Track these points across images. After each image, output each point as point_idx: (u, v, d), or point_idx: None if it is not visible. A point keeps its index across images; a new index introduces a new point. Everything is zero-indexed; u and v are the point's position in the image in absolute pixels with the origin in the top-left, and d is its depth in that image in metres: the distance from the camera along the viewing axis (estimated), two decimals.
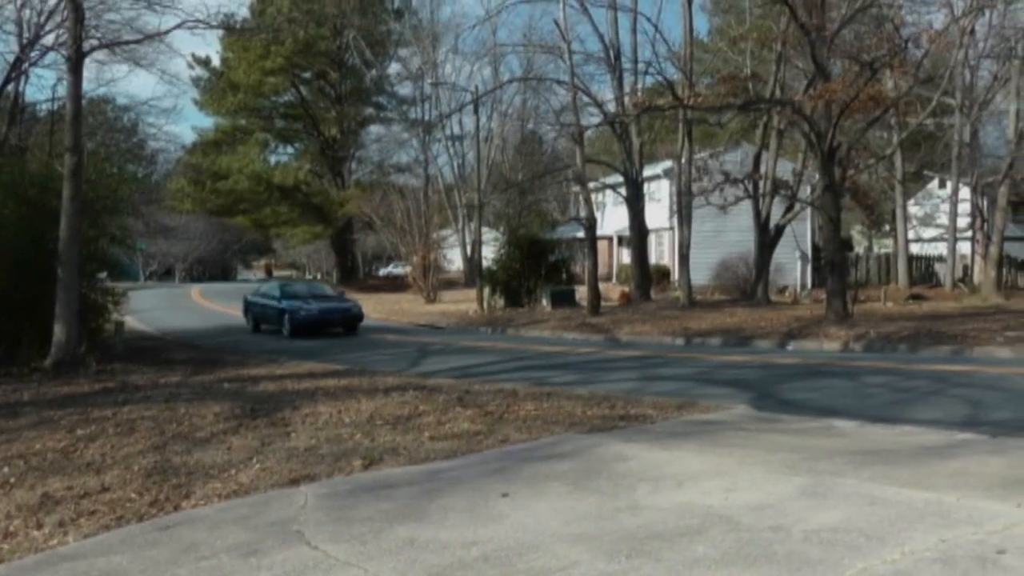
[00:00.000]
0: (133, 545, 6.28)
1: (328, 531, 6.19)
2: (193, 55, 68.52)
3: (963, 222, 47.46)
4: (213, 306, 50.63)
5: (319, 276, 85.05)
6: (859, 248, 63.18)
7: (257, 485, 7.93)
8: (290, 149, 76.75)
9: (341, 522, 6.42)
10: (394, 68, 74.15)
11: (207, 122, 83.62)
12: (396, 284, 65.17)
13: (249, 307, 35.04)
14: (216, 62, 69.05)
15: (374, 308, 43.00)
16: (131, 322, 32.22)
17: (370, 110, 75.10)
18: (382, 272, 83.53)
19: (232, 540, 6.17)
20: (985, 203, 44.67)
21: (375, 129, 76.96)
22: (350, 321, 32.12)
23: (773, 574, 4.93)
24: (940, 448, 8.56)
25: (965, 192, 45.38)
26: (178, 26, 22.39)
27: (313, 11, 62.03)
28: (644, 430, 9.84)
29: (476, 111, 47.76)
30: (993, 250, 39.61)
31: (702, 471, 7.52)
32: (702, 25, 74.91)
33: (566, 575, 5.07)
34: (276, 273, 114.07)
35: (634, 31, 38.27)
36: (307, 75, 70.83)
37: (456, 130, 69.11)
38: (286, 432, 10.45)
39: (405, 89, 73.99)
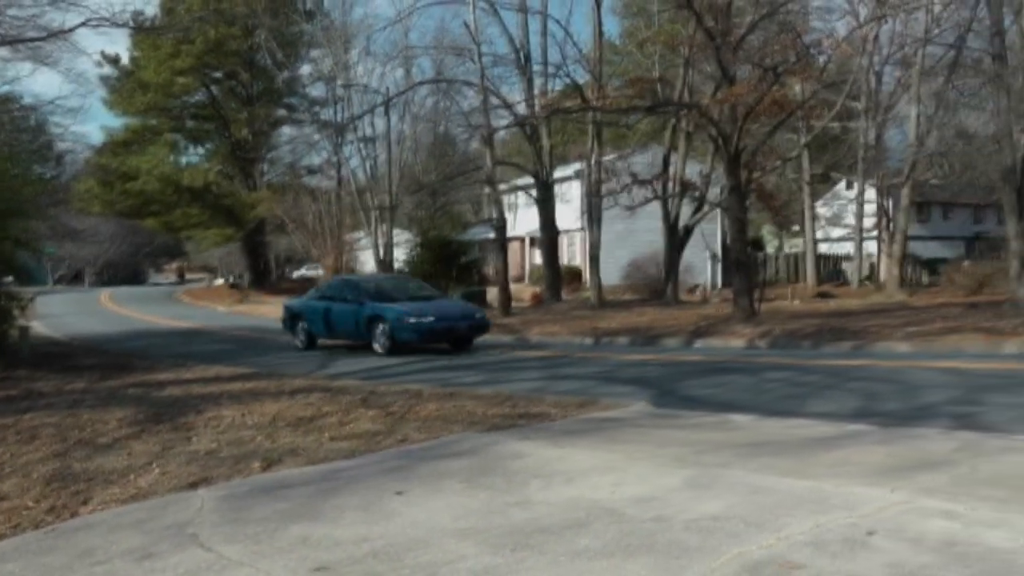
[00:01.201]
0: (27, 552, 6.25)
1: (223, 532, 6.22)
2: (102, 53, 67.22)
3: (870, 222, 48.46)
4: (122, 310, 50.08)
5: (232, 279, 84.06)
6: (770, 248, 64.17)
7: (156, 489, 7.89)
8: (201, 150, 75.68)
9: (236, 523, 6.45)
10: (306, 69, 73.57)
11: (116, 122, 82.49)
12: (309, 286, 64.72)
13: (300, 315, 25.95)
14: (126, 60, 67.86)
15: None
16: (38, 327, 31.74)
17: (281, 111, 74.44)
18: (295, 275, 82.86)
19: (127, 544, 6.17)
20: (890, 203, 45.61)
21: (287, 130, 76.32)
22: (476, 330, 23.57)
23: (652, 562, 5.09)
24: (828, 439, 8.84)
25: (872, 193, 46.33)
26: (83, 24, 22.09)
27: (223, 10, 61.30)
28: (543, 428, 9.98)
29: (387, 113, 47.62)
30: (897, 249, 40.51)
31: (593, 467, 7.69)
32: (613, 28, 75.46)
33: (452, 568, 5.17)
34: (189, 276, 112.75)
35: (544, 33, 38.55)
36: (218, 75, 69.87)
37: (368, 132, 68.62)
38: (188, 436, 10.41)
39: (317, 90, 73.40)
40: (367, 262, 67.33)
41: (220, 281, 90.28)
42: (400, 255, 46.82)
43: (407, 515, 6.43)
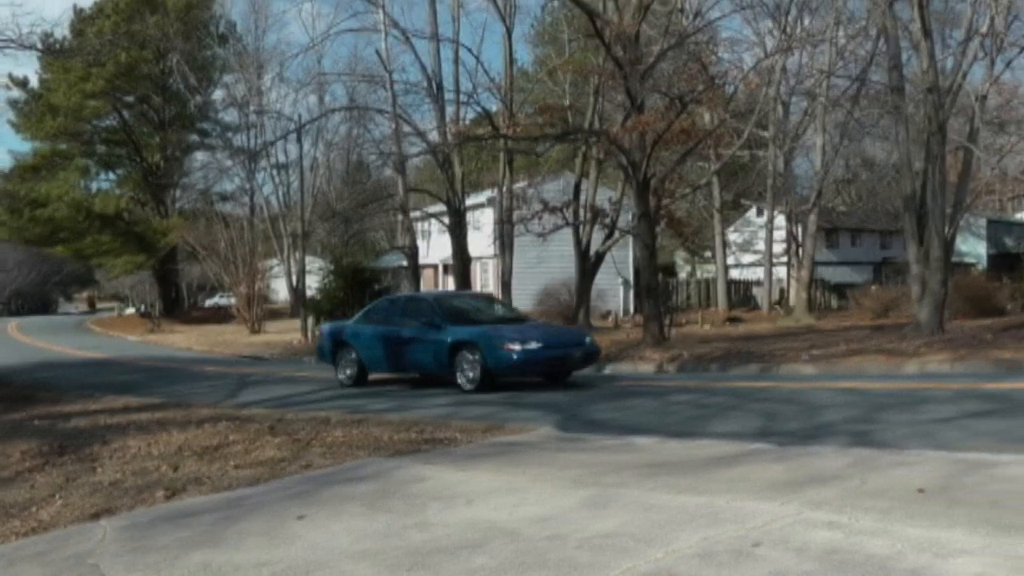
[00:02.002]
0: None
1: (124, 561, 6.23)
2: (10, 75, 66.34)
3: (781, 248, 49.29)
4: (31, 341, 49.24)
5: (143, 308, 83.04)
6: (682, 273, 64.94)
7: (58, 521, 7.86)
8: (112, 176, 74.90)
9: (137, 552, 6.46)
10: (219, 94, 73.28)
11: (25, 147, 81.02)
12: (221, 315, 64.26)
13: (346, 342, 21.28)
14: (35, 83, 66.91)
15: (197, 340, 42.47)
16: None
17: (194, 136, 73.96)
18: (207, 303, 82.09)
19: None
20: (799, 230, 46.41)
21: (199, 156, 75.87)
22: (588, 359, 19.75)
23: None
24: (728, 458, 9.04)
25: (782, 220, 47.14)
26: None
27: (135, 33, 60.73)
28: (447, 452, 10.08)
29: (300, 139, 47.54)
30: (805, 274, 41.27)
31: (494, 489, 7.80)
32: (525, 56, 75.99)
33: None
34: (100, 305, 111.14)
35: (456, 62, 38.69)
36: (130, 99, 69.05)
37: (282, 158, 68.63)
38: (93, 467, 10.34)
39: (230, 116, 73.16)
40: (280, 290, 67.05)
41: (131, 310, 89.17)
42: (313, 282, 46.63)
43: (308, 539, 6.49)
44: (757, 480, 7.77)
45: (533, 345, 18.12)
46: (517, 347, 17.94)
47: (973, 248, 62.15)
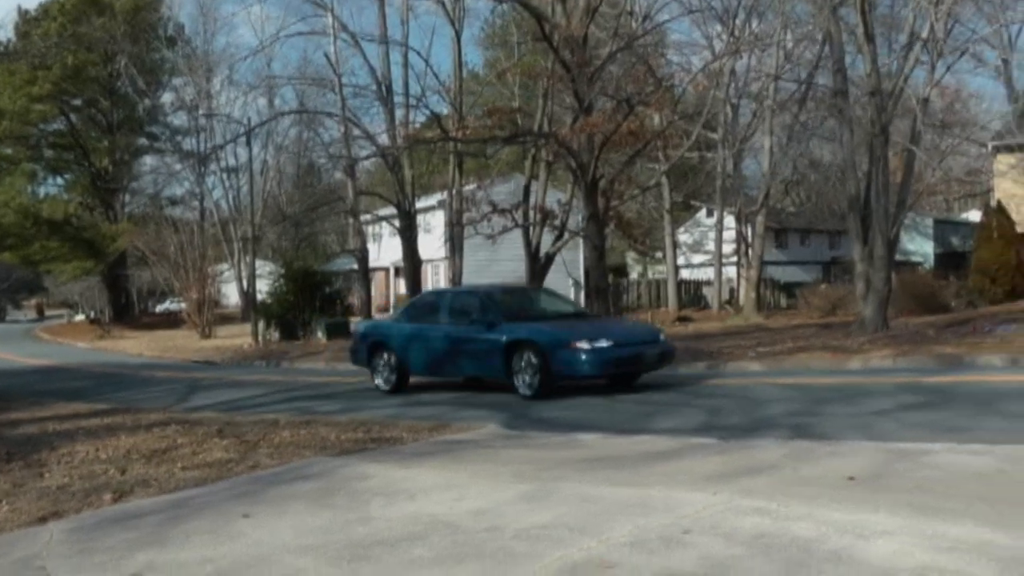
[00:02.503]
0: None
1: (71, 563, 6.28)
2: None
3: (731, 248, 49.71)
4: None
5: (93, 314, 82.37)
6: (633, 273, 65.23)
7: (4, 526, 7.85)
8: (60, 181, 74.36)
9: (84, 554, 6.51)
10: (167, 97, 72.92)
11: None
12: (172, 321, 63.99)
13: (383, 343, 19.19)
14: None
15: (148, 346, 42.32)
16: None
17: (143, 140, 73.54)
18: (158, 309, 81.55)
19: None
20: (749, 230, 46.83)
21: (148, 160, 75.47)
22: (664, 359, 17.21)
23: (480, 568, 5.39)
24: (669, 452, 9.24)
25: (731, 220, 47.55)
26: None
27: (82, 35, 60.30)
28: (393, 451, 10.20)
29: (250, 143, 47.39)
30: (753, 274, 41.70)
31: (436, 485, 7.95)
32: (475, 59, 76.15)
33: None
34: (49, 312, 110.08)
35: (405, 65, 38.79)
36: (77, 103, 68.54)
37: (231, 162, 68.44)
38: (40, 472, 10.33)
39: (179, 119, 72.92)
40: (231, 295, 66.77)
41: (81, 316, 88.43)
42: (263, 286, 46.57)
43: (252, 536, 6.58)
44: (694, 472, 7.98)
45: (603, 343, 15.83)
46: (585, 346, 15.70)
47: (920, 247, 62.96)
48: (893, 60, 30.34)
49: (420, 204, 43.22)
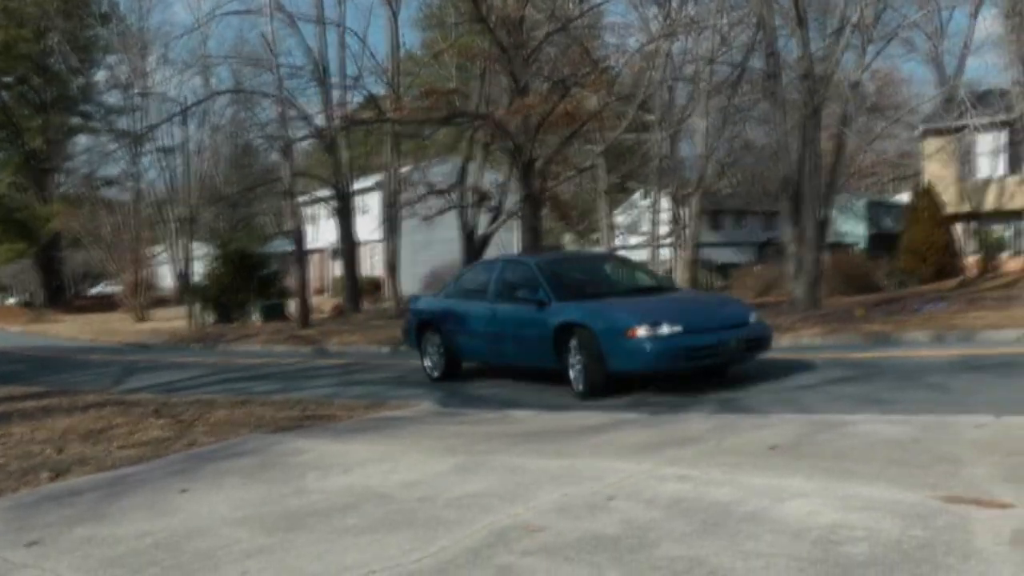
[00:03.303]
0: None
1: (7, 540, 6.32)
2: None
3: (668, 229, 50.12)
4: None
5: (26, 297, 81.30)
6: None
7: None
8: None
9: (22, 531, 6.55)
10: (101, 75, 71.83)
11: None
12: (107, 304, 63.31)
13: (431, 322, 16.58)
14: None
15: (82, 329, 42.05)
16: None
17: (77, 119, 72.53)
18: (92, 292, 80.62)
19: None
20: (684, 212, 47.26)
21: (83, 139, 74.43)
22: (755, 346, 13.77)
23: (411, 534, 5.56)
24: (599, 426, 9.45)
25: (667, 202, 47.93)
26: None
27: (12, 11, 59.45)
28: (328, 428, 10.35)
29: (185, 122, 47.12)
30: (688, 255, 42.14)
31: (370, 458, 8.12)
32: (412, 39, 76.05)
33: (228, 551, 5.50)
34: None
35: (342, 46, 38.80)
36: (8, 80, 67.52)
37: (167, 142, 67.73)
38: None
39: (113, 98, 71.85)
40: (166, 277, 66.24)
41: (12, 300, 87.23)
42: (199, 269, 46.37)
43: (189, 509, 6.71)
44: (621, 444, 8.25)
45: (668, 329, 12.45)
46: (644, 333, 12.42)
47: (854, 229, 63.84)
48: (825, 45, 30.79)
49: (357, 185, 43.25)
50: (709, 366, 13.12)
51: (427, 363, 16.43)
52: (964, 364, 14.11)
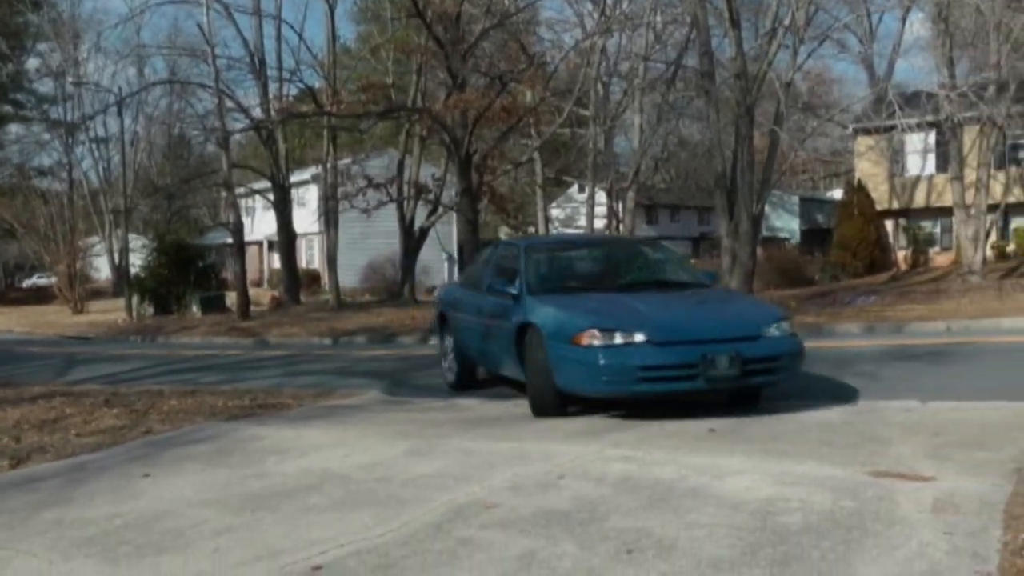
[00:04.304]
0: None
1: None
2: None
3: (603, 223, 50.59)
4: None
5: None
6: None
7: None
8: None
9: None
10: (33, 63, 70.88)
11: None
12: (42, 296, 62.54)
13: (444, 316, 13.72)
14: None
15: (18, 321, 41.61)
16: None
17: (8, 108, 71.29)
18: (26, 283, 79.57)
19: None
20: (620, 206, 47.75)
21: (14, 129, 73.26)
22: (767, 369, 9.37)
23: (373, 512, 5.89)
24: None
25: (603, 196, 48.42)
26: None
27: None
28: (281, 416, 10.61)
29: (120, 113, 46.67)
30: None
31: (326, 443, 8.44)
32: (349, 32, 75.90)
33: (197, 530, 5.77)
34: None
35: (278, 38, 38.85)
36: None
37: (101, 132, 67.21)
38: None
39: (45, 87, 70.92)
40: (102, 269, 65.71)
41: None
42: (137, 260, 46.12)
43: (154, 493, 6.93)
44: (567, 430, 8.68)
45: (623, 337, 9.14)
46: (592, 339, 9.13)
47: (787, 224, 64.94)
48: (758, 45, 31.38)
49: (294, 178, 43.35)
50: (685, 393, 9.38)
51: (444, 365, 13.63)
52: (894, 354, 14.72)
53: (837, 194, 58.62)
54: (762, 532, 5.02)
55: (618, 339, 9.10)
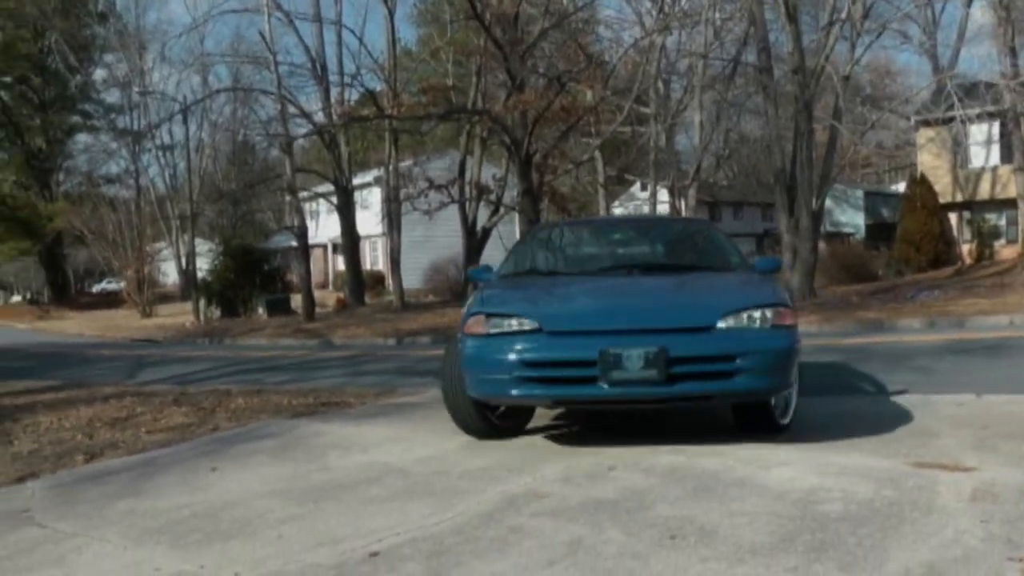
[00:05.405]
0: None
1: (55, 513, 6.73)
2: None
3: None
4: None
5: (30, 295, 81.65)
6: None
7: None
8: None
9: (67, 505, 6.98)
10: (100, 74, 72.12)
11: None
12: (111, 300, 63.72)
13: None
14: None
15: (89, 325, 42.35)
16: None
17: (76, 118, 72.59)
18: (96, 288, 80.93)
19: None
20: (682, 203, 47.74)
21: (83, 138, 74.58)
22: (731, 369, 6.93)
23: (431, 502, 6.13)
24: None
25: (665, 194, 48.41)
26: None
27: (11, 11, 59.65)
28: (343, 413, 10.87)
29: (185, 121, 47.44)
30: None
31: (386, 439, 8.70)
32: (409, 35, 76.43)
33: (262, 520, 6.02)
34: None
35: (339, 43, 39.26)
36: (7, 80, 67.45)
37: (167, 139, 68.20)
38: (9, 441, 10.64)
39: (112, 97, 72.17)
40: (170, 273, 66.69)
41: (17, 298, 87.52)
42: (203, 264, 46.78)
43: (221, 485, 7.20)
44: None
45: (528, 324, 7.35)
46: (475, 326, 7.64)
47: (852, 219, 64.37)
48: (816, 38, 31.31)
49: (357, 181, 43.80)
50: (584, 403, 7.68)
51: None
52: (953, 348, 14.73)
53: (902, 187, 58.13)
54: (802, 520, 5.19)
55: (507, 326, 7.35)
